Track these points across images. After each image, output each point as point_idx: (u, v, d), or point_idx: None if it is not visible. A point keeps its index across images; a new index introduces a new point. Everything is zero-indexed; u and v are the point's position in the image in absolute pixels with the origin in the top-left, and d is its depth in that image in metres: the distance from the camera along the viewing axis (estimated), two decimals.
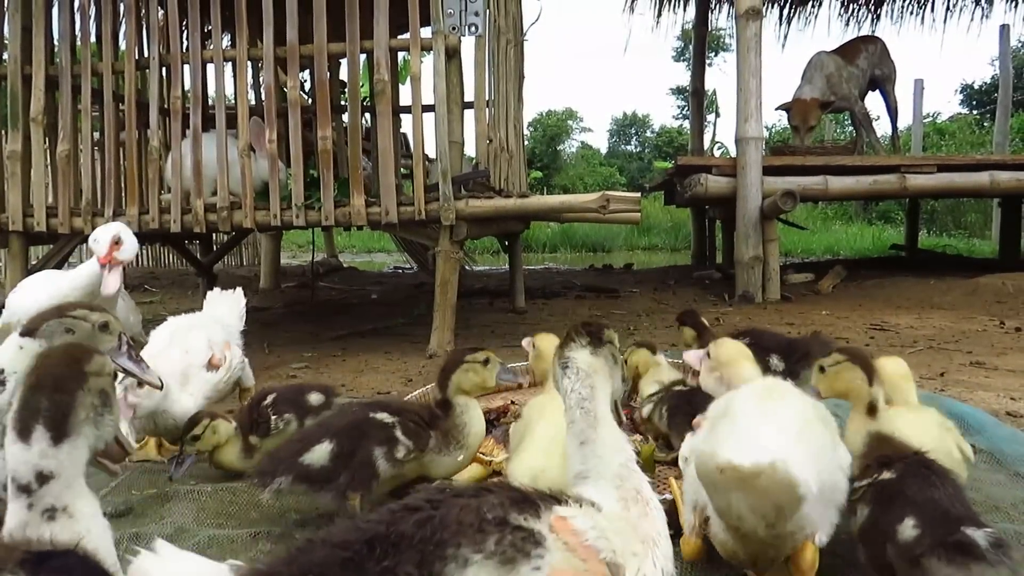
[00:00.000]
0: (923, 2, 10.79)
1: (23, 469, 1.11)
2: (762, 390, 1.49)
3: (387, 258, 15.64)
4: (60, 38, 4.45)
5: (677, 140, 36.11)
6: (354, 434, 1.80)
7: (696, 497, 1.49)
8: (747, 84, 6.04)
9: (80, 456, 1.16)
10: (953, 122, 24.11)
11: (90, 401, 1.17)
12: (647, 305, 6.17)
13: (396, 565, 0.97)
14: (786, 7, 11.08)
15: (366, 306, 6.65)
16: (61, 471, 1.12)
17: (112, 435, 1.23)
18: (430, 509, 1.04)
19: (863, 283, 6.76)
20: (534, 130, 38.38)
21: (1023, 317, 5.08)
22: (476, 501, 1.05)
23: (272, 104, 4.26)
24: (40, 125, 4.36)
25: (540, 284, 7.86)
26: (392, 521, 1.02)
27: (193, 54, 4.39)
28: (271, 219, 4.20)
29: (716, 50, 30.01)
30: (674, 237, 18.40)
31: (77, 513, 1.13)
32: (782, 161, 6.66)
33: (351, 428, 1.82)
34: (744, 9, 6.01)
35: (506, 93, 4.71)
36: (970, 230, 16.97)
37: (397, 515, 1.03)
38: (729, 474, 1.20)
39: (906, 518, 1.33)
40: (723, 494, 1.27)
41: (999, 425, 2.45)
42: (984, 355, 3.83)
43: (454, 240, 4.11)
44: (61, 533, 1.09)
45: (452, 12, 4.01)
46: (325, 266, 9.98)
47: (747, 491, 1.22)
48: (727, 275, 7.45)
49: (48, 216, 4.35)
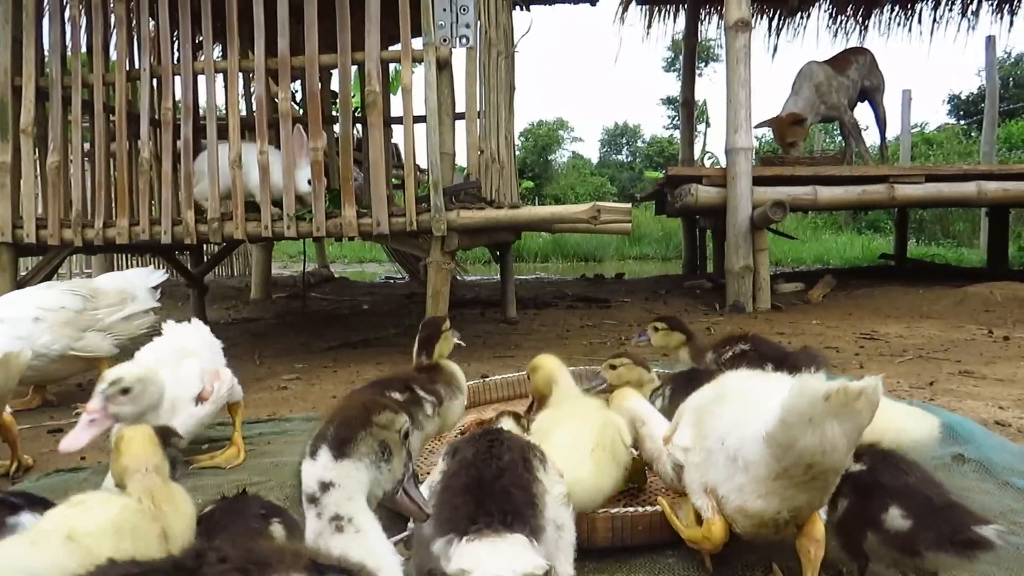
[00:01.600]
0: (910, 14, 10.89)
1: (310, 481, 1.22)
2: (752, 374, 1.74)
3: (379, 268, 15.63)
4: (50, 49, 4.44)
5: (668, 150, 36.24)
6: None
7: (704, 478, 1.58)
8: (736, 95, 6.08)
9: (360, 478, 1.24)
10: (941, 132, 24.29)
11: (371, 443, 1.26)
12: (638, 315, 6.18)
13: (511, 466, 1.35)
14: (775, 18, 11.16)
15: (357, 317, 6.64)
16: (341, 482, 1.21)
17: (392, 487, 1.30)
18: (494, 438, 1.44)
19: (853, 292, 6.79)
20: (525, 140, 38.48)
21: (1011, 326, 5.11)
22: (514, 439, 1.46)
23: (263, 115, 4.26)
24: (30, 136, 4.35)
25: (532, 294, 7.87)
26: (478, 446, 1.42)
27: (184, 65, 4.39)
28: (262, 230, 4.20)
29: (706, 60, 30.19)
30: (665, 247, 18.47)
31: (363, 527, 1.20)
32: (772, 171, 6.69)
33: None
34: (733, 21, 6.05)
35: (497, 104, 4.73)
36: (958, 239, 17.09)
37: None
38: (835, 399, 1.30)
39: (891, 507, 1.45)
40: (817, 426, 1.33)
41: (988, 434, 2.46)
42: (973, 364, 3.85)
43: (445, 251, 4.12)
44: (350, 546, 1.16)
45: (443, 24, 4.03)
46: (316, 276, 9.97)
47: (847, 416, 1.32)
48: (718, 285, 7.48)
49: (38, 228, 4.34)
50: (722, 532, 1.54)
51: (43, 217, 4.38)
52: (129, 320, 3.32)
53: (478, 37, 4.16)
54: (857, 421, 1.33)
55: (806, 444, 1.35)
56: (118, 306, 3.22)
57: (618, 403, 2.11)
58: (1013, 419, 2.78)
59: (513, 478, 1.31)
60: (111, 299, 3.24)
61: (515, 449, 1.40)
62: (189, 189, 4.41)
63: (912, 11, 10.88)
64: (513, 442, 1.44)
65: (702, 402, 1.71)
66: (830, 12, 11.03)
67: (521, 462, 1.36)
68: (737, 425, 1.53)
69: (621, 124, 46.41)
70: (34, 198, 4.44)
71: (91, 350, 3.18)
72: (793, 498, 1.43)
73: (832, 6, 10.96)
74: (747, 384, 1.67)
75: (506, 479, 1.30)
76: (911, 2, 10.79)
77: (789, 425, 1.35)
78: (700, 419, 1.67)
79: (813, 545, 1.46)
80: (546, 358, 2.24)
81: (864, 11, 10.93)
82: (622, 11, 10.61)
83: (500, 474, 1.32)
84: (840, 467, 1.41)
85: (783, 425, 1.36)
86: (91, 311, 3.19)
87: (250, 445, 2.70)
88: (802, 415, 1.34)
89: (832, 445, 1.34)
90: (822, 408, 1.31)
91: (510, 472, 1.32)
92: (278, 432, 2.86)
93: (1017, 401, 3.06)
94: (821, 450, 1.34)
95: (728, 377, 1.76)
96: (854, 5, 10.88)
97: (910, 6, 10.83)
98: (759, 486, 1.45)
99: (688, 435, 1.69)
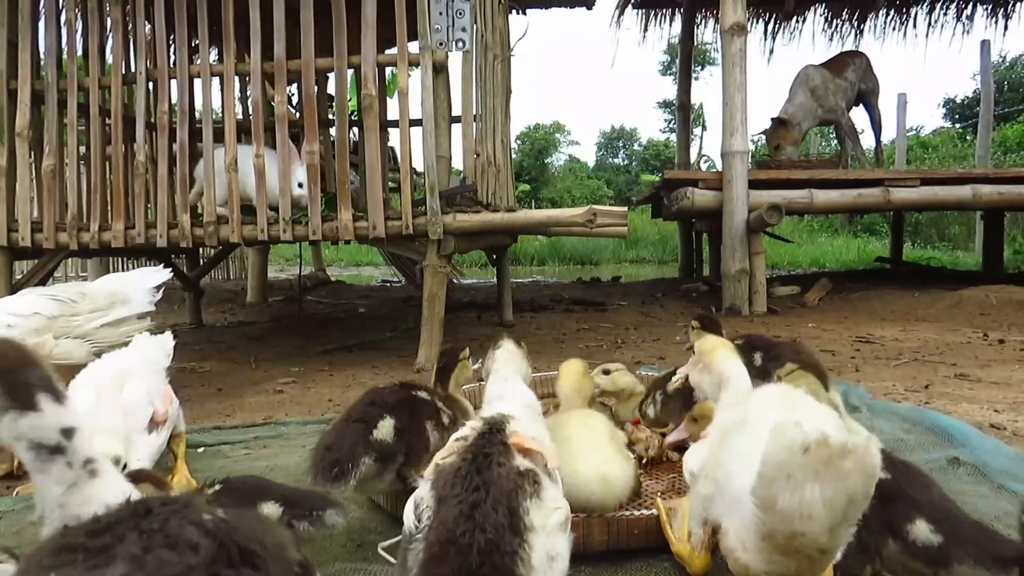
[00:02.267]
0: (905, 18, 10.94)
1: None
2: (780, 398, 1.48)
3: (375, 271, 15.62)
4: (46, 53, 4.44)
5: (664, 153, 36.34)
6: (407, 409, 1.90)
7: (706, 512, 1.44)
8: (732, 99, 6.09)
9: None
10: (936, 135, 24.38)
11: None
12: (634, 318, 6.18)
13: (495, 535, 1.21)
14: (771, 22, 11.21)
15: (354, 320, 6.64)
16: None
17: None
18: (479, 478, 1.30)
19: (848, 296, 6.81)
20: (522, 143, 38.53)
21: (1006, 329, 5.12)
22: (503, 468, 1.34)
23: (259, 119, 4.26)
24: (26, 140, 4.34)
25: (528, 297, 7.87)
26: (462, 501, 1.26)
27: (180, 69, 4.39)
28: (258, 233, 4.19)
29: (703, 63, 30.28)
30: (662, 250, 18.51)
31: None
32: (768, 175, 6.71)
33: (403, 404, 1.91)
34: (729, 25, 6.07)
35: (493, 108, 4.73)
36: (954, 242, 17.14)
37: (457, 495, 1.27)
38: (816, 453, 1.07)
39: (918, 519, 1.40)
40: (796, 485, 1.10)
41: (983, 437, 2.47)
42: (968, 367, 3.86)
43: (442, 254, 4.12)
44: None
45: (439, 28, 4.03)
46: (312, 280, 9.97)
47: (829, 477, 1.07)
48: (714, 288, 7.49)
49: (33, 231, 4.33)
50: (702, 566, 1.53)
51: (38, 221, 4.37)
52: (116, 325, 3.19)
53: (474, 41, 4.16)
54: (844, 486, 1.07)
55: (785, 505, 1.11)
56: (104, 310, 3.11)
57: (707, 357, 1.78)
58: (1008, 422, 2.78)
59: (497, 541, 1.23)
60: (98, 303, 3.13)
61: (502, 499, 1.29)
62: (185, 192, 4.41)
63: (907, 15, 10.93)
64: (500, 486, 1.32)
65: (726, 424, 1.52)
66: (826, 16, 11.08)
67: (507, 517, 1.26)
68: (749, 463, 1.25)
69: (618, 127, 46.54)
70: (29, 201, 4.44)
71: (64, 357, 3.07)
72: (780, 564, 1.23)
73: (828, 10, 11.00)
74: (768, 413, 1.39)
75: (489, 548, 1.22)
76: (906, 6, 10.84)
77: (769, 480, 1.13)
78: (717, 444, 1.50)
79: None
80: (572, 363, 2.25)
81: (860, 15, 10.98)
82: (618, 15, 10.63)
83: (485, 548, 1.22)
84: (824, 543, 1.14)
85: (762, 480, 1.14)
86: (69, 316, 3.09)
87: (246, 449, 2.70)
88: (780, 468, 1.11)
89: (810, 511, 1.09)
90: (800, 462, 1.08)
91: (495, 537, 1.23)
92: (274, 436, 2.85)
93: (1012, 404, 3.07)
94: (800, 515, 1.10)
95: (754, 400, 1.54)
96: (849, 9, 10.93)
97: (905, 10, 10.88)
98: (749, 540, 1.26)
99: (699, 459, 1.56)
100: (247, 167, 4.23)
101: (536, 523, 1.28)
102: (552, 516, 1.31)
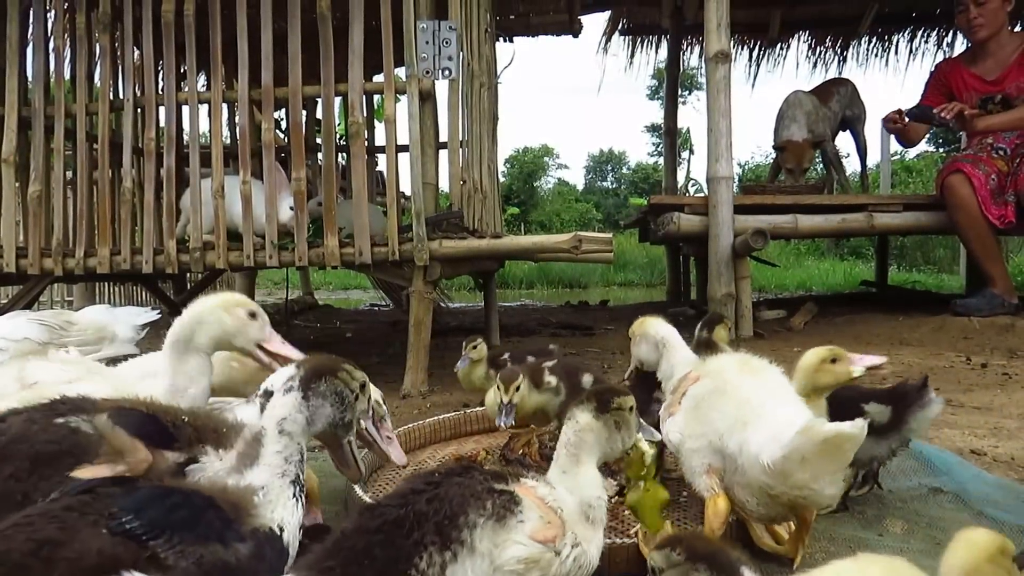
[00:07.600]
0: (887, 45, 11.10)
1: None
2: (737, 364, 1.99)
3: (363, 295, 15.61)
4: (34, 79, 4.45)
5: (652, 176, 36.61)
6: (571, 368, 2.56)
7: (707, 461, 1.74)
8: (717, 125, 6.15)
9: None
10: (920, 160, 24.66)
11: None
12: (621, 343, 6.17)
13: (423, 537, 1.18)
14: (755, 49, 11.35)
15: (341, 344, 6.62)
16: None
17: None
18: (434, 489, 1.26)
19: (834, 319, 6.84)
20: (511, 167, 38.74)
21: (989, 353, 5.16)
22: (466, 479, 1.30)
23: (246, 146, 4.28)
24: (11, 166, 4.34)
25: (516, 321, 7.87)
26: (407, 503, 1.23)
27: (168, 95, 4.40)
28: (244, 259, 4.19)
29: (690, 88, 30.60)
30: (650, 273, 18.57)
31: None
32: (752, 200, 6.76)
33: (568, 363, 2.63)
34: (713, 53, 6.14)
35: (480, 135, 4.77)
36: (939, 265, 17.29)
37: (409, 498, 1.24)
38: (833, 440, 1.47)
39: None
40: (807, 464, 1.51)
41: (964, 465, 2.49)
42: (951, 392, 3.88)
43: (428, 280, 4.13)
44: None
45: (426, 56, 4.07)
46: (300, 304, 9.93)
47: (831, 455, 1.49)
48: (701, 312, 7.51)
49: (18, 256, 4.32)
50: (726, 508, 1.69)
51: (23, 246, 4.36)
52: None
53: (460, 69, 4.19)
54: (842, 460, 1.52)
55: (797, 479, 1.54)
56: (93, 344, 3.09)
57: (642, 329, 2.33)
58: (988, 448, 2.81)
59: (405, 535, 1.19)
60: (86, 336, 3.11)
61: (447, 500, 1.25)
62: (171, 218, 4.41)
63: (889, 42, 11.09)
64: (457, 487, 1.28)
65: (701, 392, 1.85)
66: (809, 43, 11.23)
67: (442, 516, 1.22)
68: (741, 426, 1.68)
69: (606, 151, 46.90)
70: (15, 227, 4.43)
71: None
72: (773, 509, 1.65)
73: (811, 37, 11.16)
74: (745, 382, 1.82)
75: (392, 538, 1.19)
76: (888, 34, 11.01)
77: (789, 461, 1.53)
78: (698, 409, 1.82)
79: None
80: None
81: (843, 42, 11.13)
82: (605, 41, 10.75)
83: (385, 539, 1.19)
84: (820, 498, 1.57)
85: (784, 460, 1.54)
86: (57, 345, 3.06)
87: None
88: (802, 453, 1.51)
89: (816, 479, 1.54)
90: (818, 449, 1.49)
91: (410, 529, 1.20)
92: None
93: (993, 430, 3.09)
94: (808, 482, 1.54)
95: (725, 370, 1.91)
96: (833, 36, 11.09)
97: (887, 37, 11.05)
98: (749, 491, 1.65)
99: (681, 424, 1.84)
100: (233, 196, 4.24)
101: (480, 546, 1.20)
102: (509, 550, 1.22)
